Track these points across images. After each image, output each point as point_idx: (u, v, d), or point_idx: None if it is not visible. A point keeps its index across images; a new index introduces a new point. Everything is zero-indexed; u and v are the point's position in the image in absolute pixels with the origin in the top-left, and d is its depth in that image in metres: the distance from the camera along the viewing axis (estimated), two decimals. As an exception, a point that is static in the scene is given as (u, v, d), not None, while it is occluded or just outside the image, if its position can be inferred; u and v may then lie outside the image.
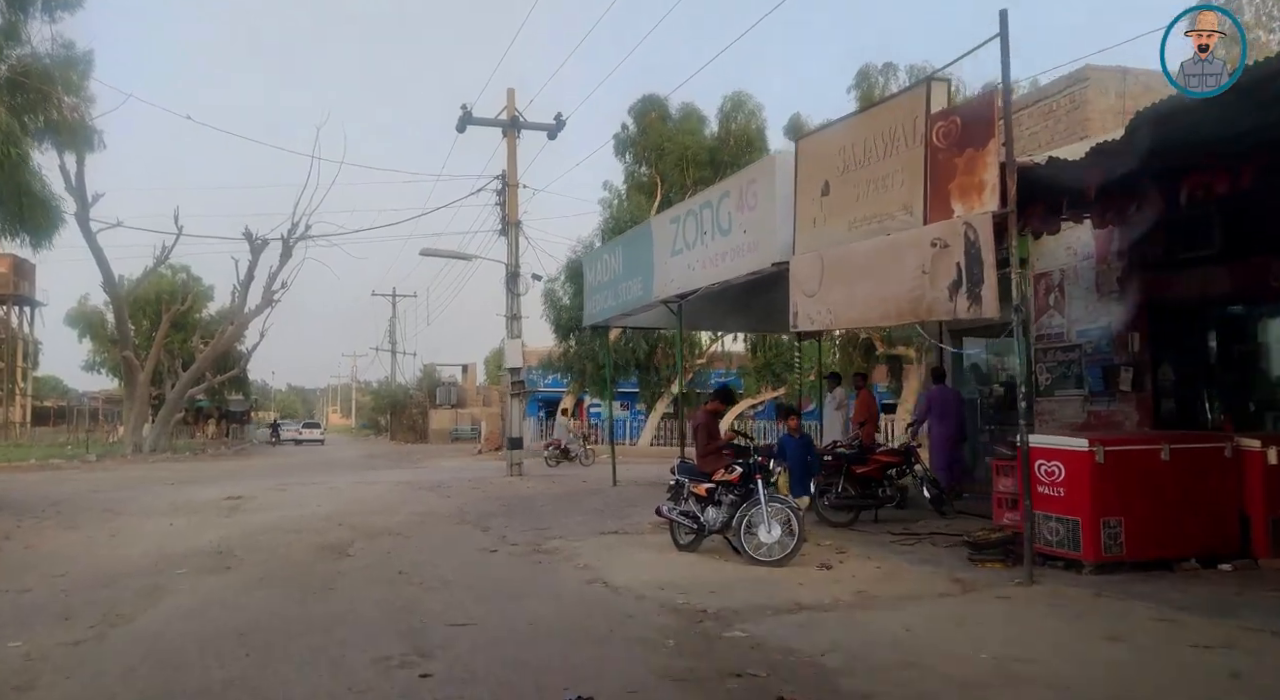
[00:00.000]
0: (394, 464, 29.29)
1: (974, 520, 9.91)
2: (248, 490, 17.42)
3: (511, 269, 21.33)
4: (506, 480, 19.34)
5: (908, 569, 7.57)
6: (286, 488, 17.97)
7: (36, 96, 23.09)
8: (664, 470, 22.16)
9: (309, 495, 16.24)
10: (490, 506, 13.52)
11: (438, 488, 17.71)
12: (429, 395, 52.52)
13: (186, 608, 6.63)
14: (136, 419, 33.49)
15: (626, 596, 6.72)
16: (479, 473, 23.05)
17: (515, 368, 21.26)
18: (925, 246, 7.07)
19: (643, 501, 13.36)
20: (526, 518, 11.78)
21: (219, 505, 14.41)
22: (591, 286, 15.13)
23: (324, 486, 18.14)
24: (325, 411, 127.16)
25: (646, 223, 13.31)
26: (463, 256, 21.60)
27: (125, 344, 33.65)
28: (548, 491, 15.87)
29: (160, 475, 23.29)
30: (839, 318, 8.35)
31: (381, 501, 14.84)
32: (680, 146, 30.44)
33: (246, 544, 9.76)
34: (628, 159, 32.39)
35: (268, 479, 21.00)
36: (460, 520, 11.87)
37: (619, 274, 13.79)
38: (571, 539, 9.64)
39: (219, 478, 22.17)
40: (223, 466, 28.02)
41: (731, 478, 8.18)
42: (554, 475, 20.95)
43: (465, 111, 20.72)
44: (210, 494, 16.77)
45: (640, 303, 13.10)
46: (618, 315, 14.19)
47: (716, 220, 10.71)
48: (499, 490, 16.75)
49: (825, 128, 8.69)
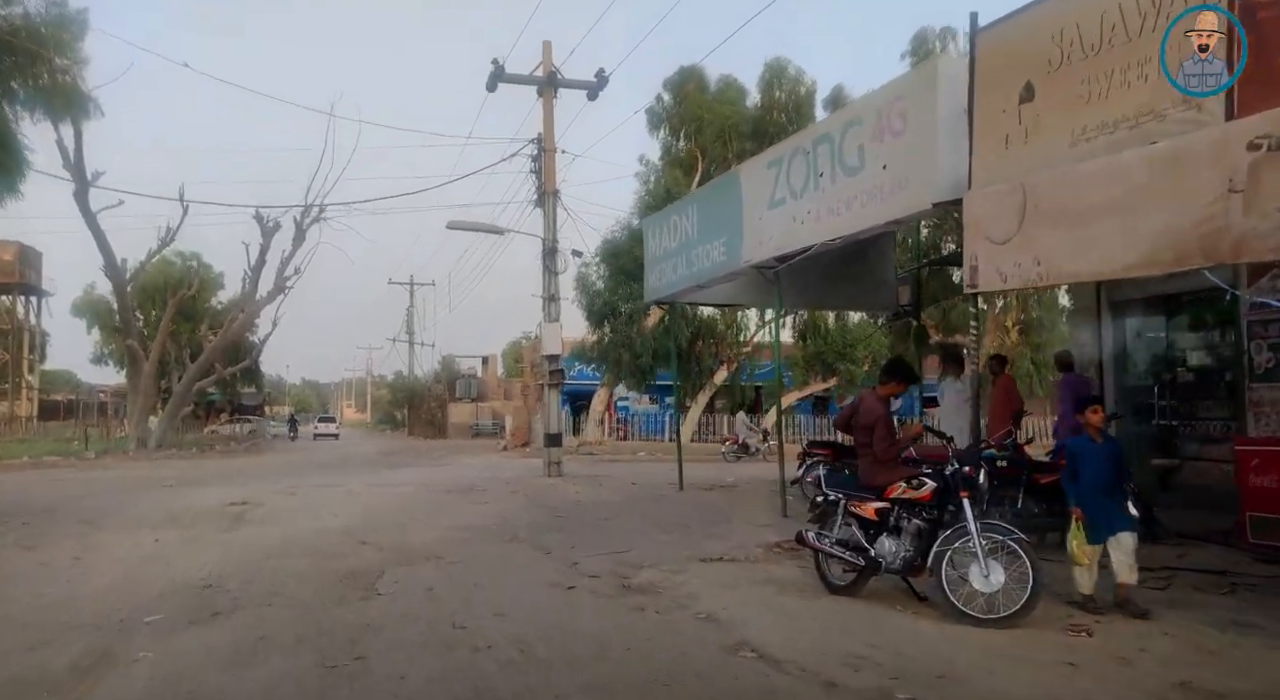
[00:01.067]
0: (415, 462, 27.12)
1: (1195, 545, 7.61)
2: (255, 494, 15.27)
3: (549, 244, 19.07)
4: (547, 482, 17.11)
5: (1215, 636, 5.12)
6: (298, 491, 15.80)
7: (25, 58, 21.02)
8: (718, 470, 20.00)
9: (324, 501, 14.06)
10: (540, 517, 11.28)
11: (470, 491, 15.50)
12: (448, 388, 50.41)
13: (139, 696, 4.41)
14: (141, 413, 31.47)
15: (804, 681, 4.44)
16: (511, 472, 20.85)
17: (554, 354, 19.00)
18: (1234, 152, 4.75)
19: (729, 512, 11.11)
20: (592, 534, 9.52)
21: (220, 514, 12.24)
22: (655, 256, 12.82)
23: (340, 490, 15.96)
24: (340, 406, 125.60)
25: (733, 171, 11.01)
26: (494, 229, 19.36)
27: (129, 332, 31.61)
28: (601, 497, 13.62)
29: (162, 474, 21.21)
30: (1053, 270, 6.02)
31: (408, 509, 12.63)
32: (721, 117, 28.11)
33: (245, 574, 7.55)
34: (663, 133, 30.10)
35: (278, 480, 18.86)
36: (511, 537, 9.61)
37: (692, 237, 11.49)
38: (666, 568, 7.37)
39: (226, 478, 20.07)
40: (231, 464, 25.92)
41: (921, 495, 5.82)
42: (599, 476, 18.70)
43: (497, 67, 18.43)
44: (212, 498, 14.64)
45: (722, 269, 10.80)
46: (689, 287, 11.88)
47: (839, 156, 8.39)
48: (542, 495, 14.52)
49: (1023, 10, 6.34)
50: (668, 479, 17.87)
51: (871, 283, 13.38)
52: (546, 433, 19.04)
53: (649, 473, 19.94)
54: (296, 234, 35.63)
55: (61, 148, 27.00)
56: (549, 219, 19.09)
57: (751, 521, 9.97)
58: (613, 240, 27.86)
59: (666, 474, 19.39)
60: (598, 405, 28.83)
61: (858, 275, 13.18)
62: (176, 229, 30.84)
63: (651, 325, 27.56)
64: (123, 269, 31.21)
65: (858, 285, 13.25)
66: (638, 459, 26.32)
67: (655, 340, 27.39)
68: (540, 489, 15.67)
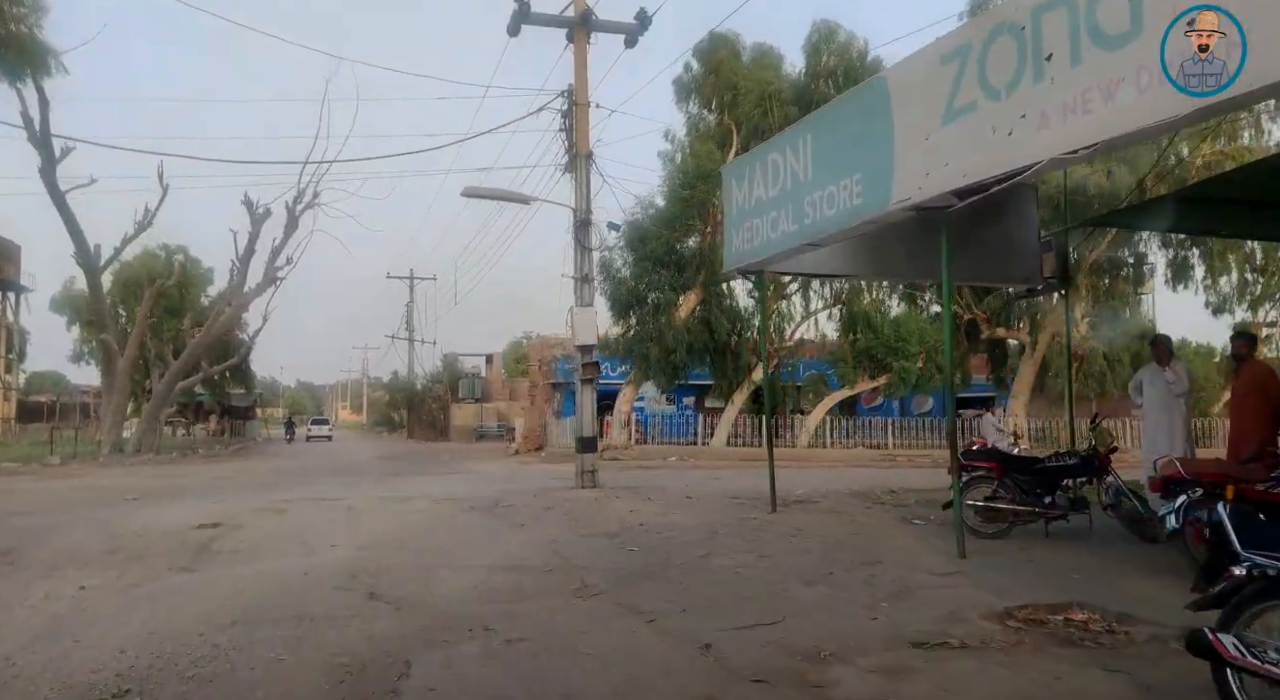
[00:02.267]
0: (420, 468, 24.28)
1: None
2: (233, 511, 12.47)
3: (581, 215, 16.25)
4: (585, 497, 14.30)
5: None
6: (287, 507, 12.97)
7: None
8: (783, 481, 17.14)
9: (318, 521, 11.24)
10: (605, 550, 8.46)
11: (495, 508, 12.68)
12: (450, 388, 47.55)
13: None
14: (115, 414, 28.57)
15: None
16: (534, 481, 18.03)
17: (588, 345, 16.18)
18: None
19: (868, 546, 8.30)
20: (702, 586, 6.68)
21: (181, 542, 9.43)
22: (742, 210, 9.96)
23: (339, 506, 13.12)
24: (335, 407, 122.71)
25: (875, 78, 8.17)
26: (516, 198, 16.51)
27: (102, 325, 28.74)
28: (669, 519, 10.78)
29: (131, 484, 18.37)
30: None
31: (427, 536, 9.81)
32: (760, 85, 25.32)
33: (187, 661, 4.75)
34: (692, 105, 27.35)
35: (265, 491, 16.03)
36: (579, 587, 6.77)
37: (804, 179, 8.67)
38: (872, 662, 4.54)
39: (205, 488, 17.23)
40: (215, 471, 23.04)
41: None
42: (642, 487, 15.89)
43: (521, 5, 15.59)
44: (180, 517, 11.86)
45: (854, 217, 7.95)
46: (794, 249, 9.04)
47: (1088, 22, 5.59)
48: (589, 514, 11.70)
49: None
50: (725, 490, 15.10)
51: (1007, 248, 10.65)
52: (579, 437, 16.23)
53: (697, 483, 17.15)
54: (289, 220, 32.87)
55: (26, 118, 24.22)
56: (581, 186, 16.29)
57: (917, 566, 7.17)
58: (638, 222, 25.08)
59: (719, 485, 16.62)
60: (623, 406, 26.01)
61: (989, 239, 10.45)
62: (155, 211, 28.00)
63: (684, 316, 24.75)
64: (96, 256, 28.31)
65: (989, 251, 10.52)
66: (670, 465, 23.54)
67: (690, 333, 24.56)
68: (581, 506, 12.84)
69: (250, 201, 32.04)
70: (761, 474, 20.13)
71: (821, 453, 25.22)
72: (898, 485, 16.27)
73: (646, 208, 25.34)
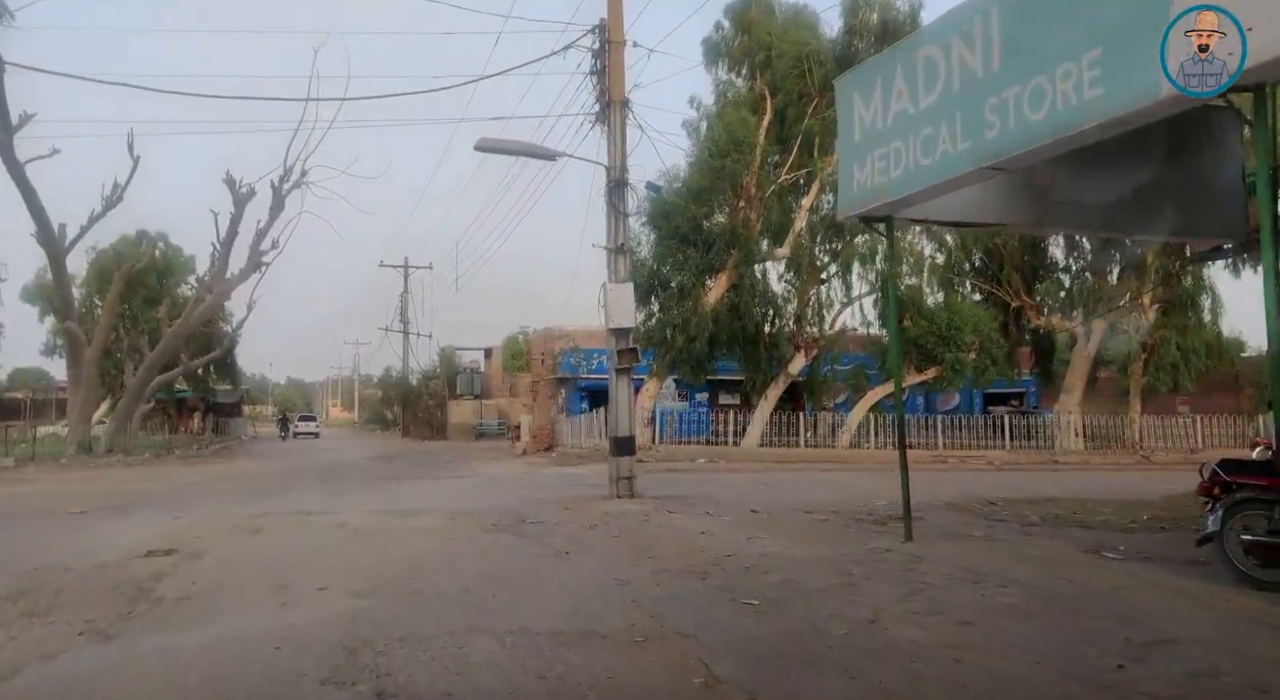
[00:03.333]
0: (421, 470, 21.74)
1: None
2: (197, 530, 9.99)
3: (615, 174, 13.74)
4: (629, 511, 11.82)
5: None
6: (265, 523, 10.46)
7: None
8: (849, 488, 14.59)
9: (302, 547, 8.73)
10: (705, 601, 5.97)
11: (523, 525, 10.20)
12: (448, 384, 44.92)
13: None
14: (82, 410, 25.92)
15: None
16: (556, 488, 15.52)
17: (624, 327, 13.67)
18: None
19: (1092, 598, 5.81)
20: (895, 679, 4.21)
21: (117, 582, 6.97)
22: (872, 134, 7.37)
23: (331, 522, 10.59)
24: (325, 405, 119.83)
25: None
26: (540, 153, 13.95)
27: (68, 312, 26.08)
28: (765, 548, 8.25)
29: (87, 491, 15.82)
30: None
31: (447, 572, 7.30)
32: (796, 45, 22.79)
33: None
34: (721, 69, 24.80)
35: (242, 501, 13.51)
36: (708, 684, 4.26)
37: (983, 77, 6.14)
38: None
39: (172, 496, 14.69)
40: (189, 475, 20.44)
41: None
42: (689, 497, 13.44)
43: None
44: (128, 538, 9.42)
45: (1090, 117, 5.40)
46: (970, 173, 6.45)
47: None
48: (648, 538, 9.21)
49: None
50: (793, 502, 12.62)
51: (1204, 191, 8.17)
52: (613, 437, 13.72)
53: (751, 491, 14.69)
54: (274, 201, 30.28)
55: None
56: (615, 138, 13.77)
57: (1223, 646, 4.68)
58: (660, 196, 22.51)
59: (777, 494, 14.11)
60: (645, 402, 23.46)
61: (1176, 181, 7.99)
62: (125, 185, 25.33)
63: (712, 302, 22.22)
64: (61, 237, 25.63)
65: (1175, 196, 8.03)
66: (700, 467, 21.05)
67: (718, 322, 22.04)
68: (631, 524, 10.33)
69: (233, 180, 29.47)
70: (817, 479, 17.80)
71: (865, 453, 22.75)
72: (988, 493, 13.82)
73: (671, 180, 22.80)
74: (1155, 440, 24.37)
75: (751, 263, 22.43)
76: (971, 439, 24.47)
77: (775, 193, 22.58)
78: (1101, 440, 24.37)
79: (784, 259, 23.51)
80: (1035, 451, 23.58)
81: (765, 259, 23.15)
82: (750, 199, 22.02)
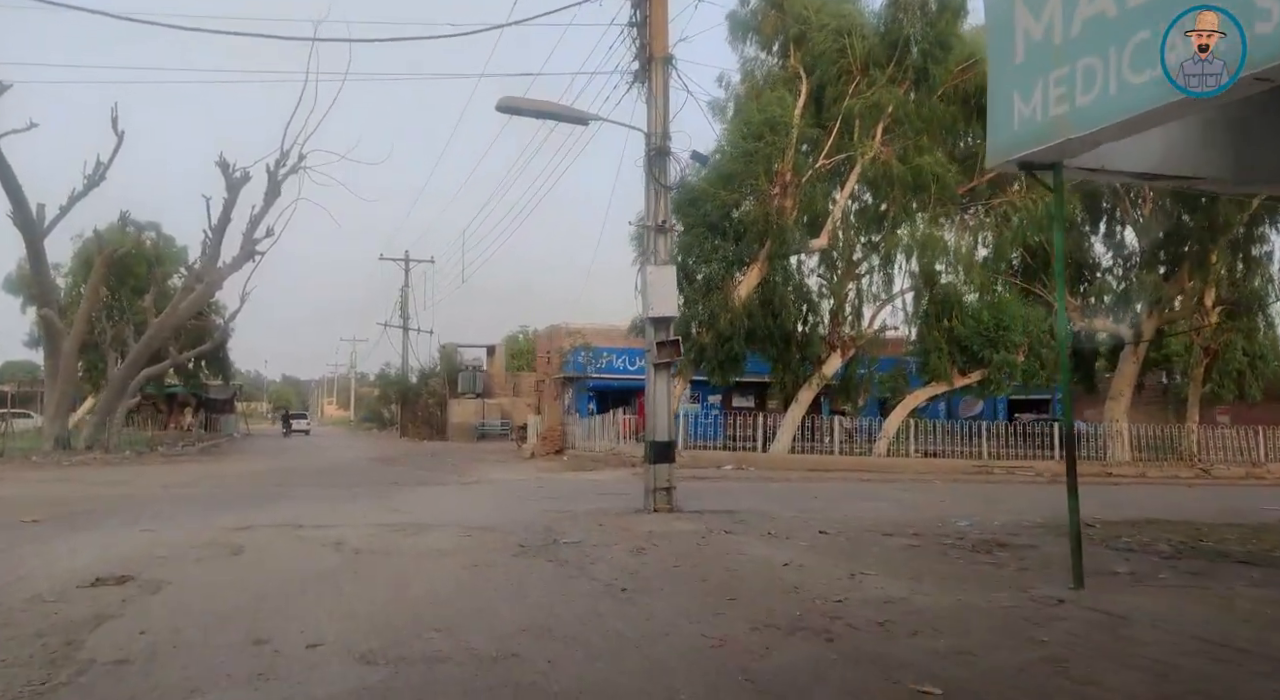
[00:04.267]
0: (426, 474, 19.98)
1: None
2: (162, 548, 8.26)
3: (656, 141, 12.02)
4: (679, 531, 10.07)
5: None
6: (246, 540, 8.72)
7: None
8: (908, 504, 12.35)
9: (288, 576, 7.00)
10: (873, 689, 4.24)
11: (555, 548, 8.48)
12: (448, 382, 43.15)
13: None
14: (60, 403, 24.14)
15: None
16: (579, 498, 13.79)
17: (666, 316, 11.93)
18: None
19: None
20: None
21: (39, 630, 5.28)
22: (1044, 50, 5.48)
23: (324, 540, 8.84)
24: (320, 402, 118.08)
25: None
26: (569, 115, 12.19)
27: (45, 298, 24.31)
28: (881, 591, 6.51)
29: (50, 494, 14.08)
30: None
31: (477, 621, 5.56)
32: (837, 18, 21.09)
33: None
34: (750, 45, 23.07)
35: (221, 508, 11.77)
36: None
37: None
38: None
39: (143, 503, 12.92)
40: (170, 476, 18.64)
41: None
42: (738, 513, 11.69)
43: None
44: (77, 560, 7.76)
45: None
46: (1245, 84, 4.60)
47: None
48: (716, 570, 7.48)
49: None
50: (862, 519, 10.89)
51: None
52: (651, 441, 11.99)
53: (801, 504, 12.98)
54: (270, 186, 28.56)
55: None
56: (656, 101, 12.06)
57: None
58: (687, 181, 20.78)
59: (831, 508, 12.41)
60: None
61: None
62: (109, 163, 23.62)
63: (743, 297, 20.49)
64: (40, 218, 23.86)
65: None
66: (728, 475, 19.32)
67: (750, 318, 20.31)
68: (687, 548, 8.59)
69: (226, 163, 27.75)
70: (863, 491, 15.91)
71: (904, 463, 21.04)
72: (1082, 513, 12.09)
73: (695, 170, 21.06)
74: (1213, 452, 22.65)
75: (786, 255, 20.74)
76: (1008, 448, 22.76)
77: (811, 178, 20.84)
78: (1153, 452, 22.64)
79: (819, 251, 21.79)
80: (1086, 463, 21.83)
81: (799, 251, 21.42)
82: (785, 185, 20.30)
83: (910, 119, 20.55)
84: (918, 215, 20.49)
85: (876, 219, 21.80)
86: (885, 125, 20.52)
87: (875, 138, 20.40)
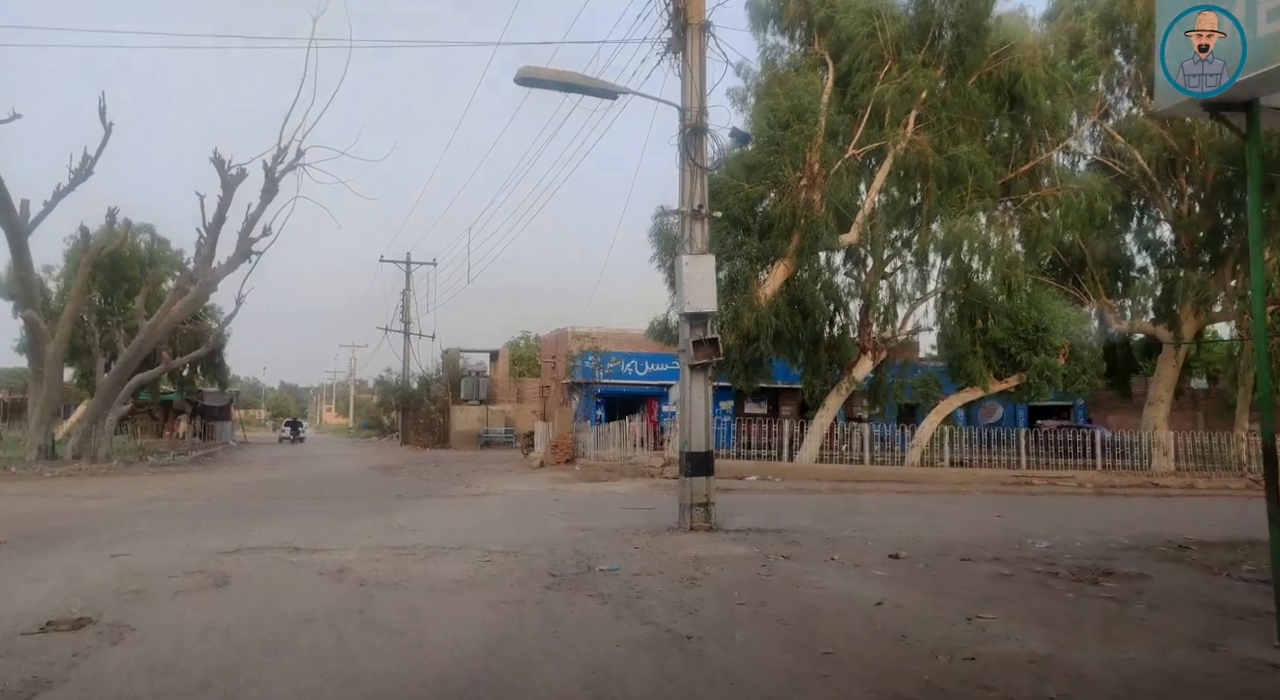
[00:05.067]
0: (430, 486, 18.73)
1: None
2: (134, 580, 7.05)
3: (691, 118, 10.84)
4: (731, 556, 8.86)
5: None
6: (230, 571, 7.49)
7: None
8: (965, 519, 10.68)
9: (280, 619, 5.78)
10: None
11: (591, 577, 7.27)
12: (451, 388, 41.90)
13: None
14: (44, 410, 22.90)
15: None
16: (601, 513, 12.55)
17: (702, 312, 10.73)
18: None
19: None
20: None
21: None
22: None
23: (324, 563, 7.61)
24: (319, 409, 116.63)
25: None
26: (596, 88, 10.97)
27: (29, 299, 23.05)
28: (1041, 651, 5.29)
29: (20, 510, 12.85)
30: None
31: (518, 693, 4.31)
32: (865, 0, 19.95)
33: None
34: (771, 32, 21.87)
35: (208, 528, 10.52)
36: None
37: None
38: None
39: (122, 520, 11.67)
40: (158, 488, 17.37)
41: None
42: (786, 533, 10.46)
43: None
44: (33, 590, 6.85)
45: None
46: None
47: None
48: (791, 609, 6.31)
49: None
50: (923, 542, 9.66)
51: None
52: (685, 451, 10.74)
53: (844, 518, 11.80)
54: (267, 184, 27.31)
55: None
56: (692, 74, 10.87)
57: None
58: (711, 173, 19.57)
59: (878, 524, 11.18)
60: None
61: None
62: (96, 156, 22.36)
63: (769, 295, 19.27)
64: (24, 214, 22.65)
65: None
66: (754, 486, 18.09)
67: (777, 318, 19.09)
68: (746, 579, 7.37)
69: (221, 159, 26.49)
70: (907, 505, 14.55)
71: (939, 473, 19.80)
72: (1149, 529, 10.89)
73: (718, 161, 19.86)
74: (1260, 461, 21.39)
75: (815, 251, 19.52)
76: (1039, 457, 21.51)
77: (841, 170, 19.64)
78: (1199, 461, 21.40)
79: (848, 247, 20.58)
80: (1129, 473, 20.61)
81: (829, 247, 20.21)
82: (814, 177, 19.10)
83: (945, 106, 19.38)
84: (953, 209, 19.27)
85: (908, 213, 20.60)
86: (918, 113, 19.34)
87: (907, 126, 19.22)
